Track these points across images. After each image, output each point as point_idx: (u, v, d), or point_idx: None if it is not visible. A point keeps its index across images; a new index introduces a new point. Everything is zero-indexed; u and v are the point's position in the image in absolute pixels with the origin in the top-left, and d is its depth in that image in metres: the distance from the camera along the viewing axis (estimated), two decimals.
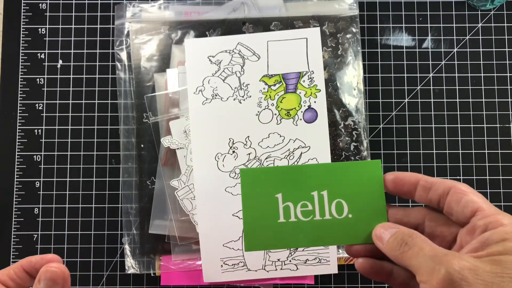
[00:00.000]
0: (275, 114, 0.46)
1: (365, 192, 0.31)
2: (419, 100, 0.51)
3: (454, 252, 0.25)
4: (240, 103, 0.46)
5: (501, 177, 0.50)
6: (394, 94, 0.51)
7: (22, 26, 0.52)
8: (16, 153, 0.50)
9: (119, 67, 0.49)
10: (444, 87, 0.51)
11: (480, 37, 0.52)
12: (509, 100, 0.51)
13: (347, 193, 0.31)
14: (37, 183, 0.50)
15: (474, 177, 0.50)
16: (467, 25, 0.52)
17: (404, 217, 0.31)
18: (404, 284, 0.30)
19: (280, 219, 0.31)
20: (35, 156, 0.50)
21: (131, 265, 0.47)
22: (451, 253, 0.25)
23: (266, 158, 0.46)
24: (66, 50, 0.51)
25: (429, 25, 0.52)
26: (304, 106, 0.46)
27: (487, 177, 0.50)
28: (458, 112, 0.51)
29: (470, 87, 0.51)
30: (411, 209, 0.31)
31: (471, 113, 0.51)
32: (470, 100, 0.51)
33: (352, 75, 0.48)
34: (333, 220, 0.31)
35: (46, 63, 0.51)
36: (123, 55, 0.49)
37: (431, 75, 0.51)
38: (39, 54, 0.51)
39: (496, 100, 0.51)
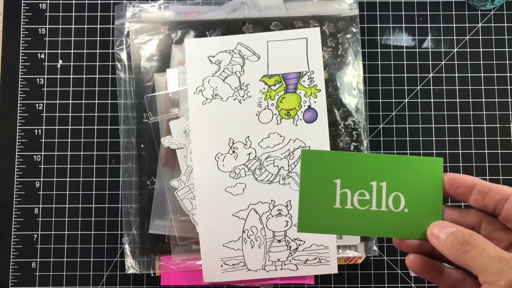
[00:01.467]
0: (275, 114, 0.46)
1: (423, 188, 0.31)
2: (419, 100, 0.51)
3: None
4: (240, 103, 0.46)
5: (501, 177, 0.50)
6: (394, 94, 0.51)
7: (22, 26, 0.52)
8: (16, 153, 0.50)
9: (119, 67, 0.49)
10: (444, 87, 0.51)
11: (480, 37, 0.52)
12: (509, 100, 0.51)
13: (405, 187, 0.31)
14: (37, 183, 0.50)
15: None
16: (467, 25, 0.52)
17: (460, 218, 0.31)
18: (453, 285, 0.31)
19: (336, 205, 0.31)
20: (35, 156, 0.50)
21: (131, 265, 0.47)
22: None
23: (266, 158, 0.46)
24: (66, 50, 0.51)
25: (429, 25, 0.52)
26: (304, 106, 0.46)
27: (487, 177, 0.50)
28: (458, 112, 0.51)
29: (470, 87, 0.51)
30: (468, 210, 0.31)
31: (471, 113, 0.51)
32: (470, 100, 0.51)
33: (352, 75, 0.48)
34: (389, 212, 0.31)
35: (46, 63, 0.51)
36: (123, 55, 0.49)
37: (431, 75, 0.51)
38: (39, 54, 0.51)
39: (496, 100, 0.51)
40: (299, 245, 0.45)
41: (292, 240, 0.46)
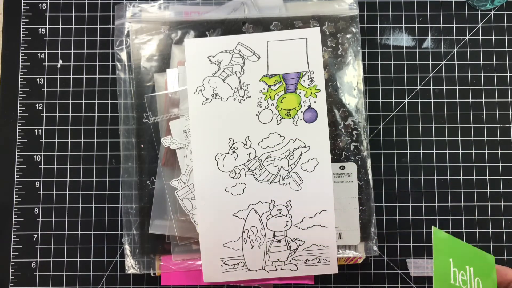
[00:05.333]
0: (275, 114, 0.46)
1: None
2: (419, 100, 0.51)
3: None
4: (240, 103, 0.46)
5: (501, 177, 0.50)
6: (394, 94, 0.51)
7: (22, 26, 0.52)
8: (16, 153, 0.50)
9: (119, 67, 0.49)
10: (444, 87, 0.51)
11: (480, 37, 0.52)
12: (509, 100, 0.51)
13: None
14: (37, 183, 0.50)
15: (474, 177, 0.50)
16: (467, 25, 0.52)
17: None
18: None
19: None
20: (35, 156, 0.50)
21: (131, 265, 0.47)
22: None
23: (266, 158, 0.46)
24: (66, 50, 0.51)
25: (429, 25, 0.52)
26: (304, 106, 0.46)
27: (487, 177, 0.50)
28: (458, 112, 0.51)
29: (470, 87, 0.51)
30: None
31: (471, 113, 0.51)
32: (470, 100, 0.51)
33: (352, 75, 0.48)
34: None
35: (46, 63, 0.51)
36: (123, 55, 0.49)
37: (431, 75, 0.51)
38: (39, 54, 0.51)
39: (496, 100, 0.51)
40: (299, 245, 0.45)
41: (292, 240, 0.46)
